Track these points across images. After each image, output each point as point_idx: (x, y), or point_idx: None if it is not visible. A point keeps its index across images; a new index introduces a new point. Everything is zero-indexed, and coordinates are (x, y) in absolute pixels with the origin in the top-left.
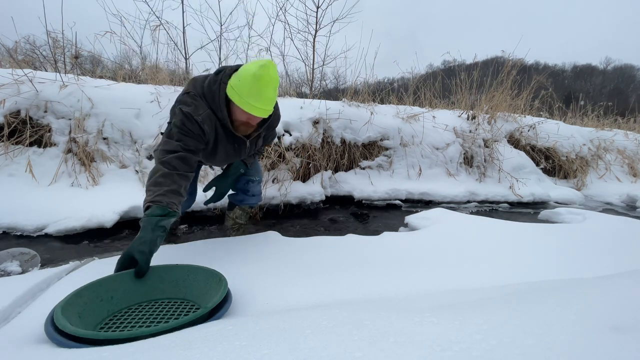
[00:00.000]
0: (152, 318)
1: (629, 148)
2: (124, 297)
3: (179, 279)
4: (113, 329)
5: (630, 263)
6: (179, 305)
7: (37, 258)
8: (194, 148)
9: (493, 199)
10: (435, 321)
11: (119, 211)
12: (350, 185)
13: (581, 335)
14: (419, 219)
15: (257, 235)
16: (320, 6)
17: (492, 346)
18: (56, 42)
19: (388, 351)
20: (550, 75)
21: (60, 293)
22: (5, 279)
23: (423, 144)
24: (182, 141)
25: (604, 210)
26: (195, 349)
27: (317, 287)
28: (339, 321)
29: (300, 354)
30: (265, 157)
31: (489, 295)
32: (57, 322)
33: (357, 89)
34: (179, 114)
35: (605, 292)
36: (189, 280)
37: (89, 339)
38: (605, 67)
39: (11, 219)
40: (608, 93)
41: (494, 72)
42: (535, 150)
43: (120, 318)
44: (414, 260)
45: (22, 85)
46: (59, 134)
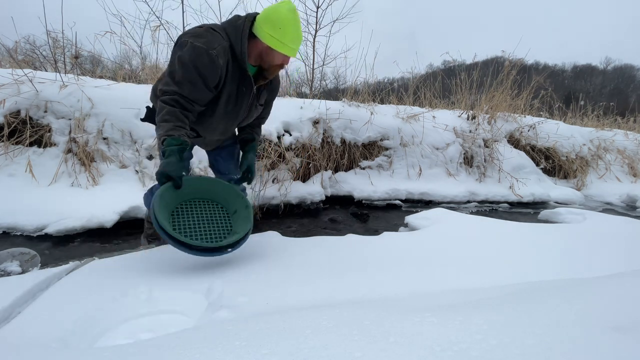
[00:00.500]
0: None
1: (629, 148)
2: (174, 198)
3: (206, 186)
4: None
5: (630, 263)
6: (211, 203)
7: (37, 258)
8: (196, 97)
9: (493, 199)
10: (435, 321)
11: (119, 211)
12: (350, 185)
13: (581, 335)
14: (419, 219)
15: (257, 235)
16: (320, 6)
17: (492, 346)
18: (56, 42)
19: (388, 351)
20: (550, 75)
21: (60, 293)
22: (5, 279)
23: (423, 144)
24: (182, 85)
25: (604, 210)
26: (195, 349)
27: (317, 287)
28: (339, 321)
29: (301, 354)
30: (265, 157)
31: (489, 295)
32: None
33: (357, 89)
34: (188, 48)
35: (605, 292)
36: (215, 188)
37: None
38: (605, 67)
39: (11, 219)
40: (608, 93)
41: (494, 72)
42: (535, 150)
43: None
44: (414, 260)
45: (22, 85)
46: (59, 134)
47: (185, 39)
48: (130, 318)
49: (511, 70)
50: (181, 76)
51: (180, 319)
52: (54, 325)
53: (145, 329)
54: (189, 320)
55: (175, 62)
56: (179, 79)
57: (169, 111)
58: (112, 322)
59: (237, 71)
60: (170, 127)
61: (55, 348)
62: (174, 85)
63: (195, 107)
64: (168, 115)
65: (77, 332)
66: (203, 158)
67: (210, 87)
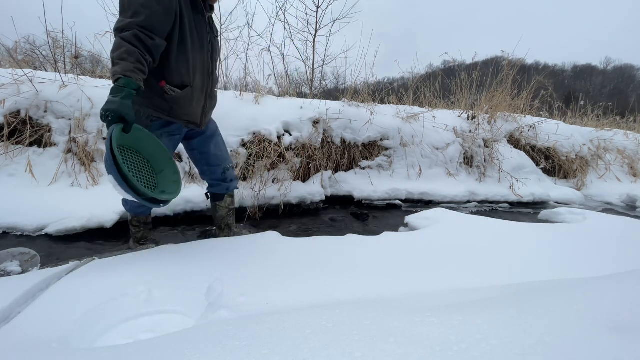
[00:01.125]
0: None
1: (629, 148)
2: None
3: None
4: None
5: (630, 263)
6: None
7: (37, 258)
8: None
9: (493, 199)
10: (435, 321)
11: (119, 211)
12: (350, 185)
13: (581, 335)
14: (419, 219)
15: (257, 235)
16: (320, 6)
17: (493, 346)
18: (56, 42)
19: (388, 351)
20: (550, 75)
21: (60, 293)
22: (5, 279)
23: (423, 144)
24: (138, 14)
25: (604, 210)
26: (195, 349)
27: (317, 287)
28: (339, 321)
29: (301, 354)
30: (265, 157)
31: (489, 295)
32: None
33: (357, 89)
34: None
35: (605, 292)
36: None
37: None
38: (605, 67)
39: (11, 219)
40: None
41: (494, 72)
42: (535, 150)
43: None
44: (414, 260)
45: (22, 85)
46: (59, 134)
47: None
48: (130, 318)
49: (511, 70)
50: (136, 4)
51: (180, 319)
52: (54, 325)
53: (145, 329)
54: (189, 320)
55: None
56: (135, 9)
57: (128, 50)
58: (112, 322)
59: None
60: (128, 68)
61: (55, 348)
62: (129, 17)
63: (156, 41)
64: (127, 55)
65: (77, 332)
66: None
67: (170, 10)
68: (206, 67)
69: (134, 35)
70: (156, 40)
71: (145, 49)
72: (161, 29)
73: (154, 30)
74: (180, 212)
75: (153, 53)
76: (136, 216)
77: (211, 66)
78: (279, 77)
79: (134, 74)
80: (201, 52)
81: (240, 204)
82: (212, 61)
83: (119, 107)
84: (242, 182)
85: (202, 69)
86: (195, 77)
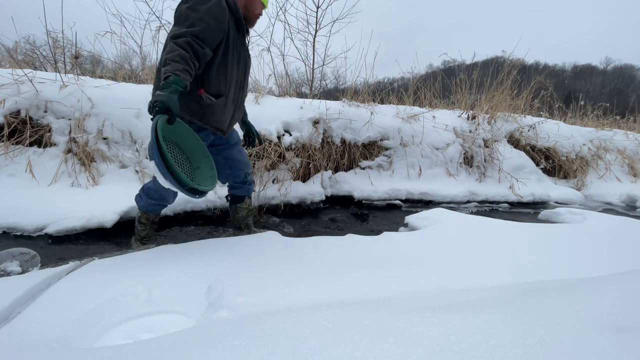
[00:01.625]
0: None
1: (629, 148)
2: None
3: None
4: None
5: (630, 263)
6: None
7: (37, 258)
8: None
9: (493, 199)
10: (435, 321)
11: (119, 211)
12: (350, 185)
13: (581, 335)
14: (419, 219)
15: (257, 235)
16: (320, 6)
17: (493, 346)
18: (56, 42)
19: (388, 351)
20: (550, 75)
21: (60, 293)
22: (5, 279)
23: (423, 144)
24: (194, 25)
25: (604, 210)
26: (196, 349)
27: (317, 287)
28: (339, 321)
29: (301, 354)
30: (265, 157)
31: (489, 295)
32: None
33: (357, 89)
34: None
35: (605, 292)
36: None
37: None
38: (605, 67)
39: (11, 219)
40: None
41: (494, 72)
42: (535, 150)
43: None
44: (414, 260)
45: (22, 85)
46: (59, 134)
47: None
48: (130, 318)
49: (511, 70)
50: (193, 17)
51: (180, 319)
52: (54, 325)
53: (145, 329)
54: (189, 320)
55: (183, 11)
56: (192, 21)
57: (180, 54)
58: (112, 322)
59: (232, 19)
60: (178, 68)
61: (55, 348)
62: (186, 27)
63: (205, 51)
64: (179, 58)
65: (77, 332)
66: None
67: (221, 26)
68: (239, 81)
69: (187, 42)
70: (205, 50)
71: (195, 56)
72: (211, 41)
73: (205, 41)
74: (180, 212)
75: (200, 60)
76: (146, 213)
77: (243, 81)
78: (279, 77)
79: (182, 74)
80: (237, 67)
81: None
82: (244, 76)
83: (167, 99)
84: None
85: (237, 82)
86: (230, 88)
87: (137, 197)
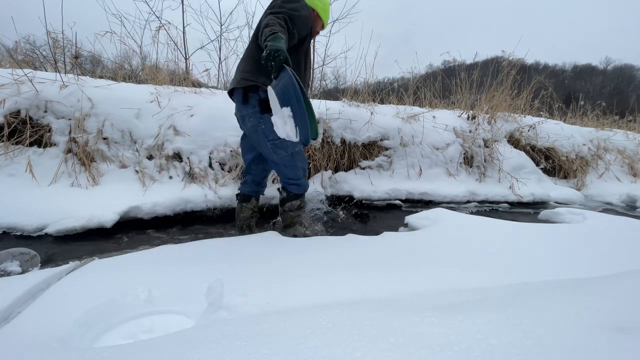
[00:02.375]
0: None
1: (629, 148)
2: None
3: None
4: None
5: (630, 263)
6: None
7: (37, 258)
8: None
9: (493, 199)
10: (435, 321)
11: (119, 211)
12: (350, 185)
13: (581, 335)
14: (419, 219)
15: (257, 235)
16: None
17: (492, 346)
18: (56, 42)
19: (388, 351)
20: (550, 75)
21: (60, 293)
22: (5, 279)
23: (423, 144)
24: (291, 11)
25: (604, 210)
26: (195, 349)
27: (317, 287)
28: (339, 321)
29: (301, 354)
30: None
31: (489, 295)
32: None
33: (357, 89)
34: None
35: (605, 292)
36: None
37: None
38: (605, 67)
39: (11, 219)
40: (608, 93)
41: (494, 72)
42: (535, 150)
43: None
44: (414, 260)
45: (22, 85)
46: (59, 134)
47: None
48: (130, 318)
49: (511, 70)
50: (289, 6)
51: (180, 319)
52: (54, 325)
53: (145, 329)
54: (189, 320)
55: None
56: (290, 6)
57: (280, 23)
58: (112, 322)
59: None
60: (279, 30)
61: (55, 348)
62: (284, 9)
63: (294, 32)
64: (277, 25)
65: (77, 332)
66: (203, 158)
67: (307, 23)
68: (306, 86)
69: (283, 17)
70: (294, 31)
71: (287, 30)
72: (299, 28)
73: (295, 24)
74: (180, 212)
75: (289, 38)
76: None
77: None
78: None
79: (282, 34)
80: (306, 71)
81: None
82: (306, 80)
83: (285, 49)
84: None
85: (304, 83)
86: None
87: (296, 187)
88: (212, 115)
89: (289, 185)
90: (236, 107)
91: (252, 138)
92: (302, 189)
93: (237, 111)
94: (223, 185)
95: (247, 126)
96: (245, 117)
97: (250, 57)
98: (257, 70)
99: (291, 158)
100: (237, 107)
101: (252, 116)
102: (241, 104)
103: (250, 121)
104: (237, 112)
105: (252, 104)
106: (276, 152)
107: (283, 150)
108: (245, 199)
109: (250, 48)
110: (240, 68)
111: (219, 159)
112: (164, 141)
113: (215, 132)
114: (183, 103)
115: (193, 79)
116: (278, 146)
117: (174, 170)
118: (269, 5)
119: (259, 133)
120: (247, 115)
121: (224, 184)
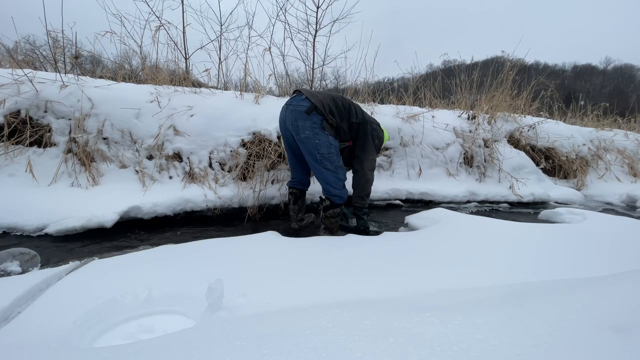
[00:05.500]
0: None
1: (629, 148)
2: None
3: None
4: None
5: (630, 263)
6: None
7: (37, 258)
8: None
9: (493, 199)
10: (435, 321)
11: (119, 211)
12: (351, 185)
13: (581, 335)
14: (419, 219)
15: (257, 235)
16: (320, 6)
17: (493, 346)
18: (56, 42)
19: (388, 351)
20: (550, 75)
21: (60, 293)
22: (5, 279)
23: (423, 144)
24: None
25: (604, 210)
26: (196, 349)
27: (317, 287)
28: (339, 321)
29: (301, 354)
30: (265, 157)
31: (489, 295)
32: None
33: (357, 89)
34: (379, 135)
35: (605, 292)
36: None
37: None
38: (605, 67)
39: (11, 219)
40: (608, 93)
41: (494, 72)
42: (535, 150)
43: None
44: (414, 260)
45: (22, 85)
46: (59, 134)
47: (375, 126)
48: (130, 318)
49: (511, 70)
50: (378, 145)
51: (180, 319)
52: (54, 325)
53: (145, 329)
54: (189, 320)
55: (376, 141)
56: (378, 146)
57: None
58: (112, 322)
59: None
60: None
61: (55, 348)
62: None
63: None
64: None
65: (77, 332)
66: (203, 158)
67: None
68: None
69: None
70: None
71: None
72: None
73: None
74: (180, 212)
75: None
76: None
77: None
78: (279, 77)
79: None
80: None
81: (240, 204)
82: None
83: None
84: (242, 182)
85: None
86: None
87: (338, 198)
88: (212, 115)
89: (332, 196)
90: (294, 116)
91: (303, 146)
92: (342, 200)
93: (293, 120)
94: (223, 185)
95: (301, 136)
96: (301, 128)
97: (336, 107)
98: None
99: (334, 171)
100: (297, 116)
101: (308, 129)
102: (305, 114)
103: (306, 133)
104: (293, 121)
105: (314, 120)
106: (323, 163)
107: (330, 163)
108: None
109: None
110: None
111: (219, 159)
112: (164, 141)
113: (215, 132)
114: (183, 103)
115: (193, 79)
116: (326, 159)
117: (174, 170)
118: (371, 118)
119: (312, 145)
120: (303, 127)
121: (224, 184)
